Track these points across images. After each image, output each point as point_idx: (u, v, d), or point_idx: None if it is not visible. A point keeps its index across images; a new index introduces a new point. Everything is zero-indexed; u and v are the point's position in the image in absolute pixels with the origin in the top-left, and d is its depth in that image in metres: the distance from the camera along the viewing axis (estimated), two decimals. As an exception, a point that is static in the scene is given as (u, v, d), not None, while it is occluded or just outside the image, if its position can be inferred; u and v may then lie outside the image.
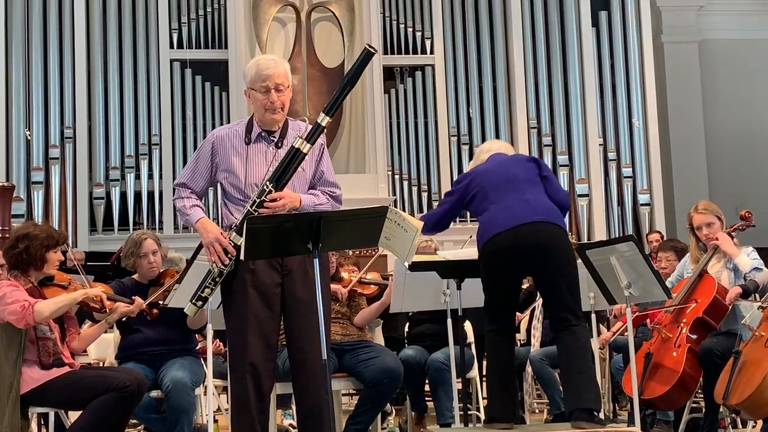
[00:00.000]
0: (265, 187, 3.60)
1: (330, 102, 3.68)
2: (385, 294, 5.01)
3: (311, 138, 3.62)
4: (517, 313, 5.42)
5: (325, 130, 3.68)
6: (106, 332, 4.62)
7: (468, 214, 10.56)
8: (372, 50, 3.63)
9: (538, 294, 5.34)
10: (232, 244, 3.60)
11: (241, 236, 3.57)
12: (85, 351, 5.07)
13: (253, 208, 3.58)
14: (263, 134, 3.77)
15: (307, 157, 3.69)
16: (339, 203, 3.84)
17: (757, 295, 4.72)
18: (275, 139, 3.76)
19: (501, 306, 4.20)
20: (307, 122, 3.80)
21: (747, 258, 4.82)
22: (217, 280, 3.65)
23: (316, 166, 3.81)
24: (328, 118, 3.64)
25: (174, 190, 3.86)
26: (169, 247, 6.84)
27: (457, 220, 4.76)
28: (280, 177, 3.61)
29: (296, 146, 3.61)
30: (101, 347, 5.38)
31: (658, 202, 10.92)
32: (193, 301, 3.72)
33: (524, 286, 5.52)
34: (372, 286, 5.18)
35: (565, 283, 4.07)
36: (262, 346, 3.63)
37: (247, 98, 3.81)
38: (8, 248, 4.28)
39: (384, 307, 4.98)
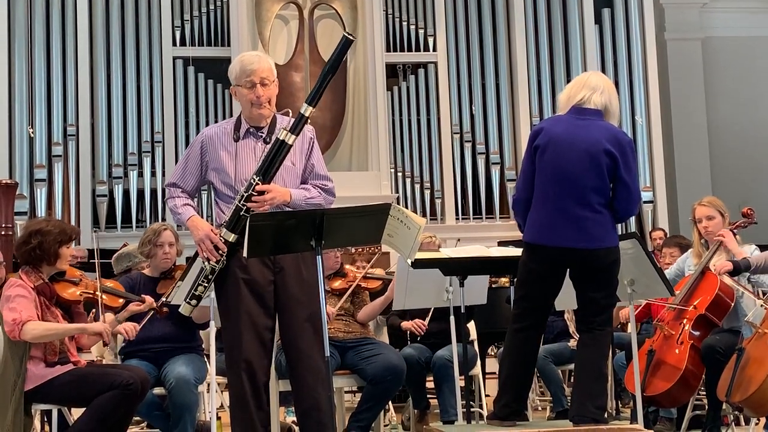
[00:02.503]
0: (252, 180, 3.60)
1: (312, 91, 3.70)
2: (389, 289, 5.01)
3: (295, 129, 3.63)
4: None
5: (325, 125, 3.68)
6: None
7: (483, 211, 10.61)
8: (351, 37, 3.66)
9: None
10: (223, 240, 3.61)
11: (232, 232, 3.58)
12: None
13: (242, 202, 3.59)
14: (251, 130, 3.77)
15: (297, 151, 3.71)
16: (331, 196, 3.84)
17: (761, 292, 4.72)
18: (263, 135, 3.76)
19: (535, 303, 4.01)
20: (291, 114, 3.81)
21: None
22: (209, 277, 3.66)
23: (306, 160, 3.81)
24: (311, 108, 3.66)
25: (165, 190, 3.87)
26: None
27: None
28: (267, 170, 3.61)
29: (281, 138, 3.62)
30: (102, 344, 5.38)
31: (661, 200, 10.89)
32: (188, 300, 3.73)
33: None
34: (376, 281, 5.19)
35: (600, 293, 3.95)
36: (256, 342, 3.63)
37: (234, 96, 3.82)
38: (21, 243, 4.28)
39: (388, 302, 4.98)
